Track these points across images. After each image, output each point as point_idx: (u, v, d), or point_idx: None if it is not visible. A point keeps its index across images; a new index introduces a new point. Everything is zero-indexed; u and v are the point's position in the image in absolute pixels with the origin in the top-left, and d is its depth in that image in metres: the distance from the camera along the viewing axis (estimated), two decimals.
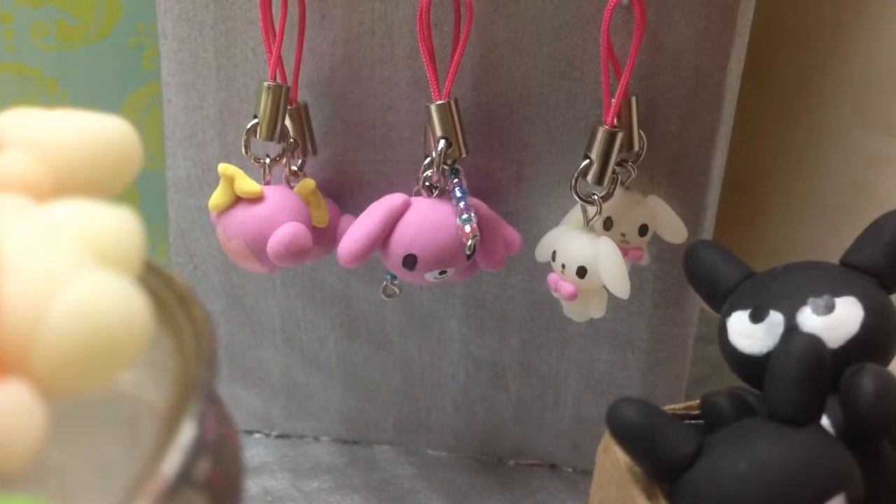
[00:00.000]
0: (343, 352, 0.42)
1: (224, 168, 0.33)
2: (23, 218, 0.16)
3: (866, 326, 0.26)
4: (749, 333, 0.27)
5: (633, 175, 0.36)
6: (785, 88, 0.61)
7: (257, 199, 0.34)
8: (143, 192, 0.54)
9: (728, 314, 0.28)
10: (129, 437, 0.17)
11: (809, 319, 0.26)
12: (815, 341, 0.24)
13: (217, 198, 0.34)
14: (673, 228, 0.36)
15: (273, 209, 0.34)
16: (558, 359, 0.41)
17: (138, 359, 0.15)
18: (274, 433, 0.45)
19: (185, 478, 0.15)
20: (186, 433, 0.16)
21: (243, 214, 0.34)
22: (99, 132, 0.20)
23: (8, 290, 0.15)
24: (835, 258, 0.31)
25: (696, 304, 0.40)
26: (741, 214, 0.64)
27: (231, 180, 0.33)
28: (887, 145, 0.57)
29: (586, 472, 0.43)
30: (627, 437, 0.25)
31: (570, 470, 0.43)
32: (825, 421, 0.26)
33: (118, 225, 0.16)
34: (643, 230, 0.36)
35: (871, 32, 0.56)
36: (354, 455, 0.44)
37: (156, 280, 0.20)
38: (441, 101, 0.34)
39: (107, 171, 0.20)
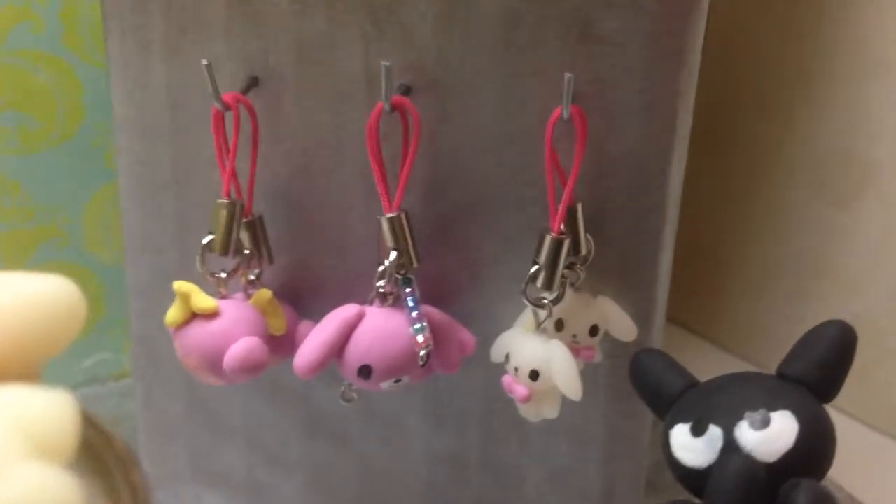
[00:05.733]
0: (305, 451, 0.42)
1: (179, 286, 0.34)
2: None
3: (801, 440, 0.27)
4: (690, 447, 0.28)
5: (582, 277, 0.37)
6: (742, 163, 0.63)
7: (213, 314, 0.34)
8: (110, 286, 0.54)
9: (671, 426, 0.29)
10: None
11: (746, 434, 0.27)
12: (748, 462, 0.25)
13: (173, 314, 0.34)
14: (623, 327, 0.37)
15: (228, 324, 0.34)
16: (518, 453, 0.41)
17: None
18: None
19: None
20: None
21: (199, 330, 0.34)
22: (43, 293, 0.21)
23: None
24: (795, 327, 0.31)
25: None
26: (703, 285, 0.66)
27: (187, 297, 0.34)
28: (841, 219, 0.58)
29: None
30: None
31: None
32: None
33: (52, 410, 0.17)
34: (594, 330, 0.37)
35: (821, 111, 0.58)
36: None
37: (97, 438, 0.20)
38: (391, 214, 0.35)
39: (51, 330, 0.20)
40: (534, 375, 0.35)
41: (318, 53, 0.36)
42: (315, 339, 0.34)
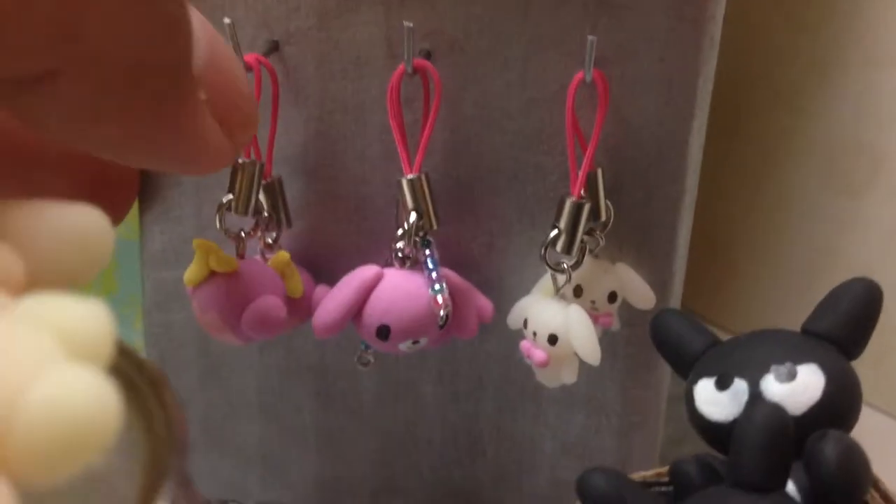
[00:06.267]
0: (319, 420, 0.42)
1: (199, 243, 0.34)
2: None
3: (828, 393, 0.27)
4: (715, 401, 0.28)
5: (602, 244, 0.36)
6: (753, 153, 0.63)
7: (232, 272, 0.34)
8: (122, 262, 0.54)
9: (694, 382, 0.29)
10: None
11: (772, 387, 0.27)
12: (777, 410, 0.25)
13: (192, 272, 0.34)
14: (641, 295, 0.37)
15: (247, 283, 0.34)
16: (533, 423, 0.41)
17: (107, 446, 0.16)
18: (250, 502, 0.45)
19: None
20: None
21: (218, 288, 0.34)
22: (75, 223, 0.21)
23: None
24: (805, 315, 0.31)
25: (667, 366, 0.40)
26: (713, 277, 0.65)
27: (206, 255, 0.34)
28: (852, 209, 0.58)
29: None
30: None
31: None
32: (791, 486, 0.26)
33: (89, 317, 0.17)
34: (612, 297, 0.37)
35: (832, 100, 0.58)
36: None
37: (128, 364, 0.20)
38: (412, 176, 0.35)
39: (80, 261, 0.20)
40: (552, 340, 0.35)
41: (338, 18, 0.36)
42: (334, 299, 0.34)
